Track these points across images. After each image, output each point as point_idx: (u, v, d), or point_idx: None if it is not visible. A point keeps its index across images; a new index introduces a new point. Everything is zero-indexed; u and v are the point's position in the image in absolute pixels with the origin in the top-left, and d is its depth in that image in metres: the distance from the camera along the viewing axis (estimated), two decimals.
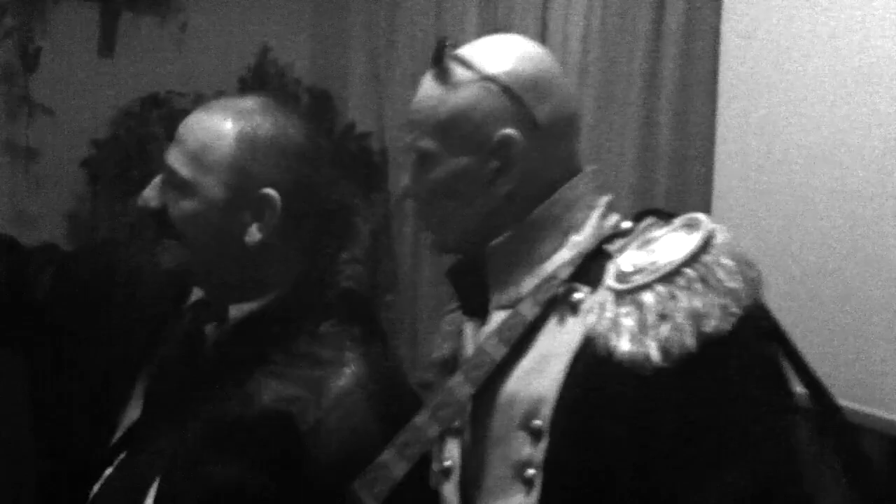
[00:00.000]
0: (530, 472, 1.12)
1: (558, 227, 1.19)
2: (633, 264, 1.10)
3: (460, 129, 1.19)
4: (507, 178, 1.18)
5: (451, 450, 1.23)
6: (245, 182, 1.26)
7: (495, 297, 1.20)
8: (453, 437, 1.22)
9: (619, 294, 1.08)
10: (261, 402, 1.23)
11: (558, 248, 1.19)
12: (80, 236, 3.33)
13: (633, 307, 1.07)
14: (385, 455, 1.12)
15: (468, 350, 1.23)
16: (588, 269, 1.15)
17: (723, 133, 2.38)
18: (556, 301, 1.15)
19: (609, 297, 1.09)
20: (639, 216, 1.20)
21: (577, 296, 1.14)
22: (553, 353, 1.13)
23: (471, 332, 1.24)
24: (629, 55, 2.67)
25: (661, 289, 1.06)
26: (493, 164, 1.18)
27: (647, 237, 1.14)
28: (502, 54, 1.20)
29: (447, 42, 1.22)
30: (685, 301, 1.05)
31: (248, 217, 1.27)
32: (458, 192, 1.20)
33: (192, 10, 3.46)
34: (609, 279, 1.11)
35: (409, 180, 1.25)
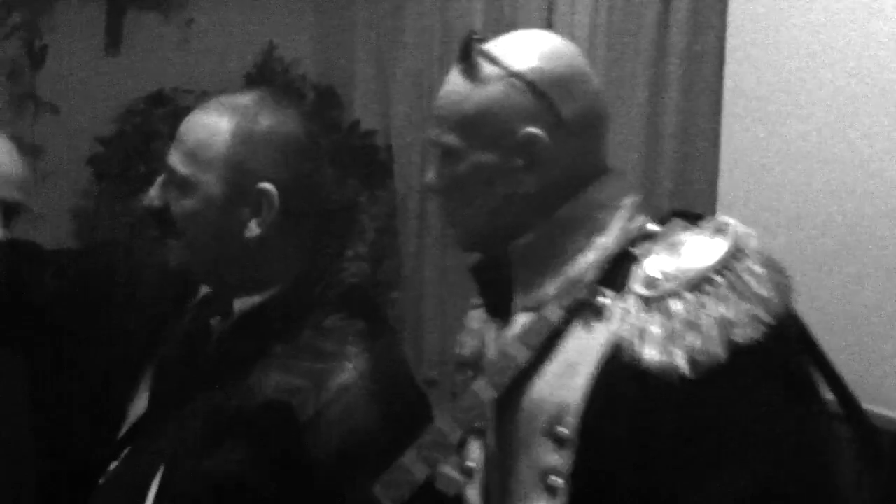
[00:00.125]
0: (554, 479, 1.10)
1: (584, 228, 1.17)
2: (661, 270, 1.08)
3: (485, 125, 1.17)
4: (531, 177, 1.16)
5: (474, 451, 1.22)
6: (242, 177, 1.26)
7: (519, 299, 1.18)
8: (476, 437, 1.21)
9: (646, 300, 1.06)
10: (262, 394, 1.23)
11: (583, 249, 1.16)
12: (85, 233, 3.34)
13: (661, 314, 1.05)
14: (406, 457, 1.10)
15: (490, 351, 1.22)
16: (614, 272, 1.13)
17: (727, 131, 2.37)
18: (582, 305, 1.13)
19: (636, 304, 1.07)
20: (665, 218, 1.18)
21: (602, 300, 1.11)
22: (579, 359, 1.10)
23: (493, 332, 1.23)
24: (634, 52, 2.66)
25: (689, 296, 1.04)
26: (517, 161, 1.16)
27: (674, 241, 1.11)
28: (530, 51, 1.18)
29: (475, 37, 1.19)
30: (714, 309, 1.03)
31: (247, 213, 1.27)
32: (482, 188, 1.18)
33: (197, 7, 3.46)
34: (635, 284, 1.09)
35: (433, 175, 1.24)
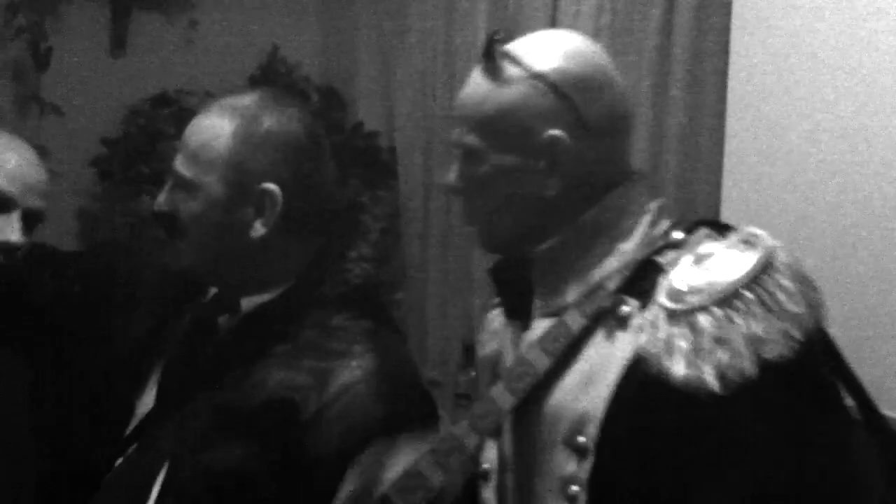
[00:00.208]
0: (574, 489, 1.08)
1: (607, 233, 1.15)
2: (688, 283, 1.05)
3: (506, 127, 1.15)
4: (554, 180, 1.14)
5: (490, 453, 1.21)
6: (243, 178, 1.27)
7: (539, 304, 1.17)
8: (492, 439, 1.20)
9: (673, 314, 1.04)
10: (266, 390, 1.24)
11: (606, 255, 1.14)
12: (89, 234, 3.34)
13: (688, 329, 1.03)
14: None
15: (508, 355, 1.21)
16: (637, 280, 1.11)
17: (731, 131, 2.37)
18: (604, 313, 1.11)
19: (661, 316, 1.05)
20: (691, 227, 1.15)
21: (625, 309, 1.10)
22: (600, 369, 1.09)
23: (511, 336, 1.22)
24: (638, 53, 2.66)
25: (717, 311, 1.02)
26: (539, 164, 1.14)
27: (701, 252, 1.09)
28: (553, 51, 1.16)
29: (498, 36, 1.18)
30: (743, 326, 1.01)
31: (250, 213, 1.28)
32: (503, 190, 1.17)
33: (201, 9, 3.46)
34: (661, 296, 1.07)
35: (454, 176, 1.22)
